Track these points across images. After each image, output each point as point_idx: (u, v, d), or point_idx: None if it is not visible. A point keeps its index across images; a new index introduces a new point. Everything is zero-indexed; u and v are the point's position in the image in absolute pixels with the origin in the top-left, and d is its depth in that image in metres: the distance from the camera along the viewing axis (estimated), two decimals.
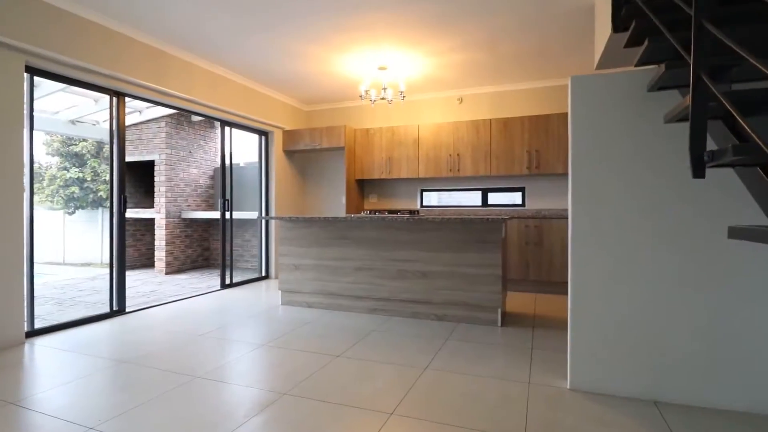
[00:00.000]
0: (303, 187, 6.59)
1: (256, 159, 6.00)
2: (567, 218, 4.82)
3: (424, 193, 6.01)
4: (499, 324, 3.48)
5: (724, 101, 1.01)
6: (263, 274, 5.85)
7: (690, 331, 2.10)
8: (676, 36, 1.42)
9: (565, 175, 5.18)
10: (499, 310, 3.47)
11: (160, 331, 3.40)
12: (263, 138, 5.92)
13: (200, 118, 7.07)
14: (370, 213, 3.98)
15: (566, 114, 4.99)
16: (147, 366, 2.63)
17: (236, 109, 5.16)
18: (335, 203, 6.41)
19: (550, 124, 5.01)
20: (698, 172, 1.16)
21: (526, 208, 5.45)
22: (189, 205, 7.12)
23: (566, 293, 4.80)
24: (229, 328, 3.48)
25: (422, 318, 3.71)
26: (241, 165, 7.18)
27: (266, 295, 4.79)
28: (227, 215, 5.23)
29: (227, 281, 5.26)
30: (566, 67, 4.78)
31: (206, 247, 7.46)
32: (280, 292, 4.27)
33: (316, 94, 5.98)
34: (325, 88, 5.63)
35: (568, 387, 2.30)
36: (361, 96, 4.80)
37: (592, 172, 2.24)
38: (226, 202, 5.19)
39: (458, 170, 5.42)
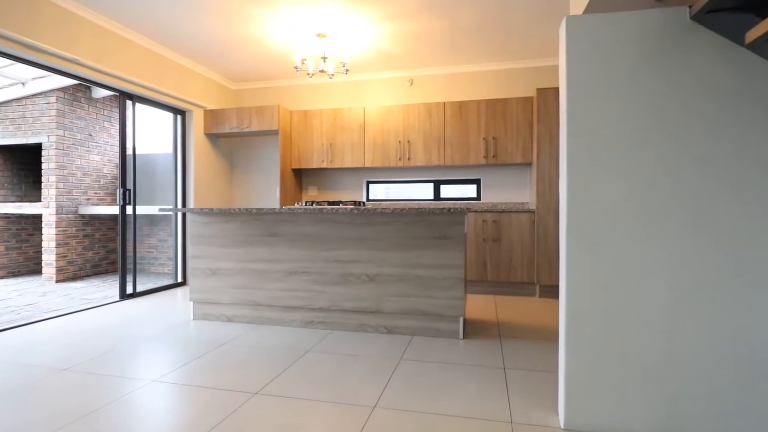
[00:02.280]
0: (230, 177, 5.68)
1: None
2: (526, 212, 4.46)
3: (371, 185, 5.36)
4: (461, 336, 2.91)
5: None
6: (179, 280, 4.90)
7: (716, 354, 1.62)
8: None
9: (525, 165, 4.77)
10: (461, 320, 2.90)
11: (8, 363, 2.45)
12: (179, 117, 4.96)
13: (106, 93, 5.93)
14: (305, 204, 3.27)
15: (526, 99, 4.59)
16: None
17: (141, 78, 4.20)
18: (269, 196, 5.59)
19: (508, 109, 4.56)
20: None
21: (482, 201, 4.98)
22: (89, 199, 5.93)
23: (528, 294, 4.42)
24: (113, 355, 2.60)
25: (370, 331, 3.05)
26: (159, 153, 6.10)
27: (177, 306, 3.89)
28: (129, 209, 4.25)
29: (129, 290, 4.28)
30: (529, 45, 4.34)
31: (112, 249, 6.29)
32: (192, 303, 3.42)
33: (244, 69, 5.12)
34: (254, 61, 4.80)
35: (562, 426, 1.75)
36: (296, 67, 4.05)
37: (596, 150, 1.70)
38: (127, 193, 4.21)
39: (408, 159, 4.83)
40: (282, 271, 3.18)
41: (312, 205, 3.24)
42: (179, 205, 4.94)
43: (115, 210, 5.65)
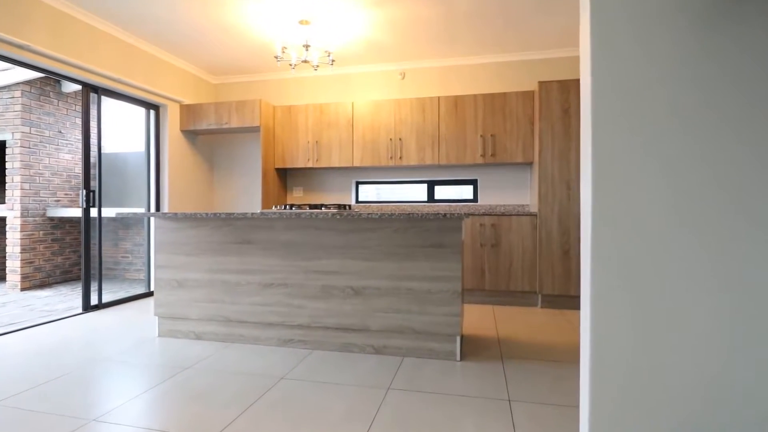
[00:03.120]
0: (210, 178, 5.32)
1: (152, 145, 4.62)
2: (527, 215, 4.14)
3: (360, 186, 5.02)
4: (458, 357, 2.58)
5: None
6: (151, 289, 4.53)
7: None
8: None
9: (525, 164, 4.45)
10: (458, 339, 2.57)
11: None
12: (152, 113, 4.59)
13: (78, 87, 5.53)
14: (284, 208, 2.92)
15: (526, 93, 4.25)
16: None
17: (107, 69, 3.83)
18: (253, 198, 5.23)
19: (508, 104, 4.24)
20: None
21: (479, 203, 4.65)
22: (59, 201, 5.54)
23: (529, 304, 4.09)
24: (57, 384, 2.24)
25: (355, 351, 2.71)
26: (134, 152, 5.71)
27: (144, 320, 3.52)
28: (93, 212, 3.88)
29: (93, 301, 3.91)
30: (530, 35, 4.02)
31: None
32: (157, 318, 3.06)
33: (224, 61, 4.76)
34: (234, 51, 4.44)
35: None
36: (276, 57, 3.69)
37: (630, 138, 1.37)
38: (91, 195, 3.84)
39: (400, 158, 4.49)
40: (256, 283, 2.83)
41: (291, 208, 2.89)
42: (152, 208, 4.56)
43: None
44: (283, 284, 2.79)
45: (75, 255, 5.74)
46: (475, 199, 4.68)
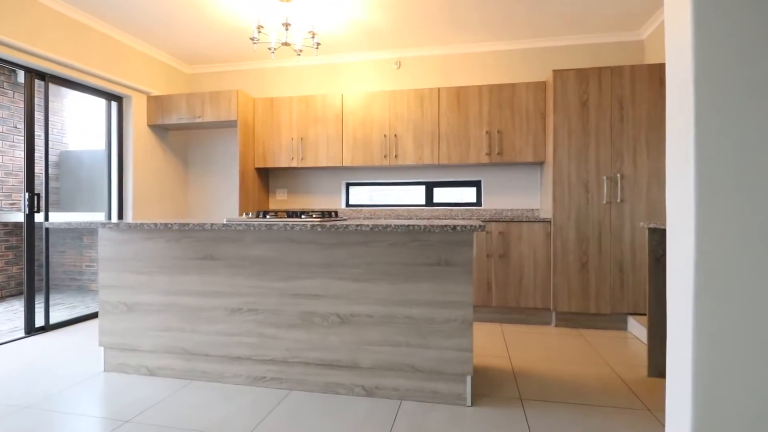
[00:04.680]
0: (184, 179, 4.78)
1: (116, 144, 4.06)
2: (540, 222, 3.68)
3: (351, 188, 4.52)
4: (469, 401, 2.09)
5: None
6: None
7: None
8: None
9: (536, 164, 3.98)
10: (469, 379, 2.08)
11: None
12: (114, 105, 4.05)
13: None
14: (256, 215, 2.41)
15: (537, 84, 3.70)
16: None
17: (56, 53, 3.29)
18: (232, 201, 4.71)
19: (516, 97, 3.76)
20: None
21: (483, 207, 4.17)
22: (13, 204, 4.97)
23: (541, 323, 3.53)
24: None
25: (341, 393, 2.21)
26: (99, 150, 5.15)
27: (92, 349, 2.99)
28: (39, 217, 3.34)
29: (39, 323, 3.36)
30: (542, 19, 3.54)
31: (42, 263, 5.32)
32: (102, 349, 2.53)
33: (198, 48, 4.23)
34: (208, 36, 3.92)
35: None
36: (253, 39, 3.18)
37: (748, 122, 0.90)
38: (36, 199, 3.29)
39: (396, 157, 4.00)
40: (222, 308, 2.32)
41: (264, 216, 2.38)
42: (114, 213, 4.02)
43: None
44: (253, 309, 2.28)
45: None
46: (478, 203, 4.20)
